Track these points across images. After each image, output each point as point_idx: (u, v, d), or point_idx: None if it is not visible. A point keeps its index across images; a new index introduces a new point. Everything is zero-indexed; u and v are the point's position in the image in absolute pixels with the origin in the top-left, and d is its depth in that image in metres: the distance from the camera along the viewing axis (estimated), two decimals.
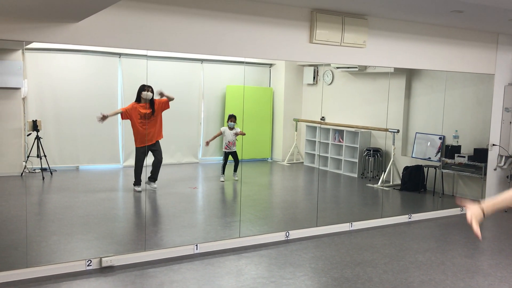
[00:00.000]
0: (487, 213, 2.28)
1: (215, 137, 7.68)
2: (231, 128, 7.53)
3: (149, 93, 6.44)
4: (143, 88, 6.44)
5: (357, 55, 5.71)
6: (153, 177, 6.77)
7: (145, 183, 6.67)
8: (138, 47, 4.50)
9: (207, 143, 7.68)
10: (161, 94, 6.35)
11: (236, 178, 7.67)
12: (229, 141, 7.55)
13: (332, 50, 5.52)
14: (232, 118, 7.53)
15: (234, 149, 7.58)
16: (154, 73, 7.25)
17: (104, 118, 6.24)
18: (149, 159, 6.73)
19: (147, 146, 6.59)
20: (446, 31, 6.37)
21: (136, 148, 6.66)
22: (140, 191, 6.65)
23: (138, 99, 6.52)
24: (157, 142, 6.73)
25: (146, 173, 6.66)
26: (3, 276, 4.05)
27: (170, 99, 6.45)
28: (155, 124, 6.61)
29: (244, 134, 7.36)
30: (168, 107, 6.61)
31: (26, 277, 4.11)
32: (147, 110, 6.49)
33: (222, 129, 7.63)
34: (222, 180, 7.71)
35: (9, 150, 6.74)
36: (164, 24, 4.54)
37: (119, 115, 6.68)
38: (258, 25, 5.03)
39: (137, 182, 6.67)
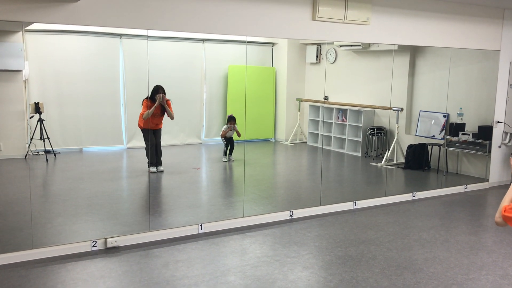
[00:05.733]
0: None
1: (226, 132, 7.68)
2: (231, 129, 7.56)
3: (162, 95, 6.51)
4: (158, 90, 6.51)
5: (360, 32, 5.64)
6: (157, 162, 6.91)
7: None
8: (138, 26, 4.45)
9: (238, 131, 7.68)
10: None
11: (233, 160, 7.71)
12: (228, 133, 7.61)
13: (335, 28, 5.45)
14: (232, 121, 7.52)
15: (231, 135, 7.65)
16: (155, 53, 7.19)
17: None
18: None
19: (152, 130, 6.84)
20: (451, 7, 6.27)
21: (143, 129, 6.85)
22: (155, 172, 6.75)
23: (152, 98, 6.56)
24: (159, 129, 6.94)
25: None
26: (9, 257, 4.09)
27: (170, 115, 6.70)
28: (160, 118, 6.84)
29: (239, 135, 7.48)
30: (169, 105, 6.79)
31: (32, 258, 4.15)
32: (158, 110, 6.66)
33: (224, 128, 7.62)
34: (225, 160, 7.74)
35: (12, 132, 6.74)
36: (164, 3, 4.48)
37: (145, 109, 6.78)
38: (260, 2, 4.96)
39: (152, 163, 6.77)
